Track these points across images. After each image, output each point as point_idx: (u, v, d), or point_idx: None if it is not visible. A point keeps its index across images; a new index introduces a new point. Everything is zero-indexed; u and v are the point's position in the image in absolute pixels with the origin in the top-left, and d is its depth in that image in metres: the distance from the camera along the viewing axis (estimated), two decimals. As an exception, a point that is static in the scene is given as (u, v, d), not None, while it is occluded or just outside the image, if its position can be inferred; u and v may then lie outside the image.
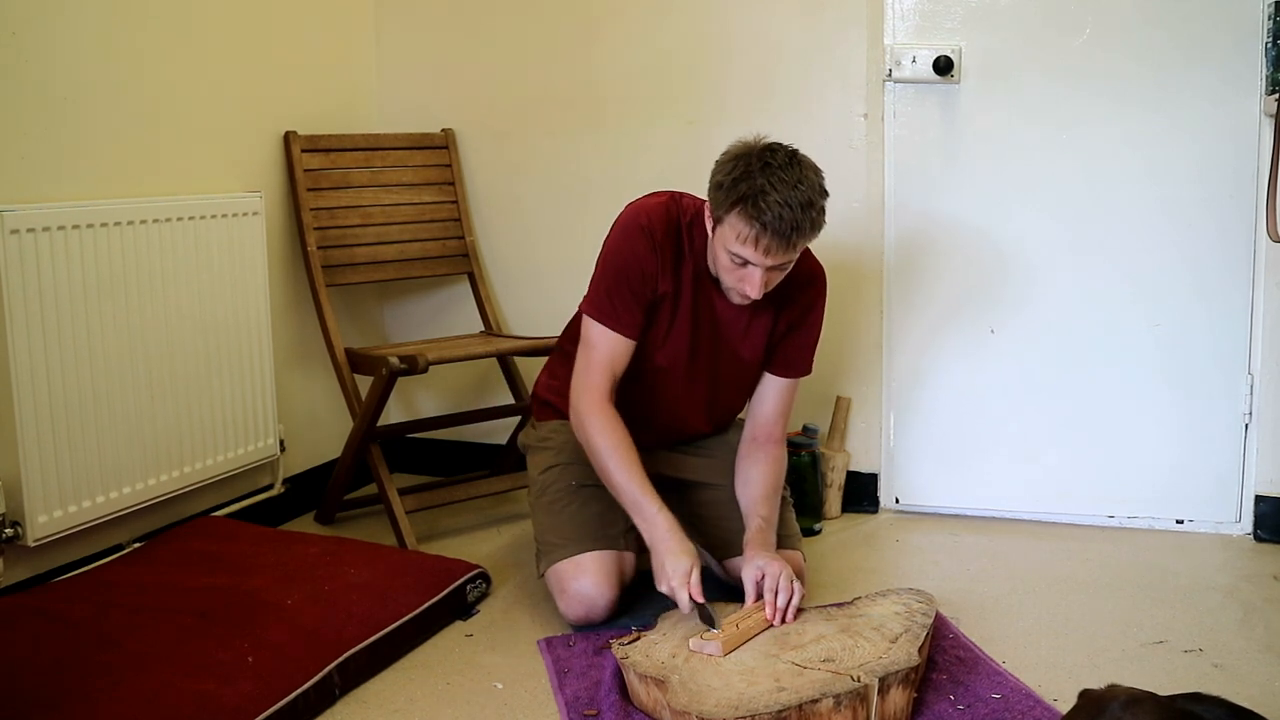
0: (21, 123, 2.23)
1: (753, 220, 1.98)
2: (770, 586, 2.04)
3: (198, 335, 2.56)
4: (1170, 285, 2.72)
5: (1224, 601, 2.36)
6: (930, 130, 2.80)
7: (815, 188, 2.02)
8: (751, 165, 2.00)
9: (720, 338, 2.26)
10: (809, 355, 2.34)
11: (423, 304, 3.27)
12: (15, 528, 2.19)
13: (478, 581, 2.38)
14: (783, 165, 2.00)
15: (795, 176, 1.99)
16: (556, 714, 1.92)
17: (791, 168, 2.01)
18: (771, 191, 1.97)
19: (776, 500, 2.27)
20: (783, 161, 2.01)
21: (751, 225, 1.98)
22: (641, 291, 2.18)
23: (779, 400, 2.34)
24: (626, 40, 3.00)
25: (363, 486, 3.12)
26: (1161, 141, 2.67)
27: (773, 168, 1.99)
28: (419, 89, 3.19)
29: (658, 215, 2.19)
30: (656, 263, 2.18)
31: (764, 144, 2.05)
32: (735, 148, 2.08)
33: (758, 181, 1.98)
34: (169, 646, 1.95)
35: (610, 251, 2.21)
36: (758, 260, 2.02)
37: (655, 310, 2.22)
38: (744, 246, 2.01)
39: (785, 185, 1.97)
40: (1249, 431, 2.73)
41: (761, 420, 2.34)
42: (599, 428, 2.16)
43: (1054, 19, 2.69)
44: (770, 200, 1.96)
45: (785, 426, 2.37)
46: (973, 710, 1.87)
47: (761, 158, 2.01)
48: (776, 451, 2.32)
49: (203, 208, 2.56)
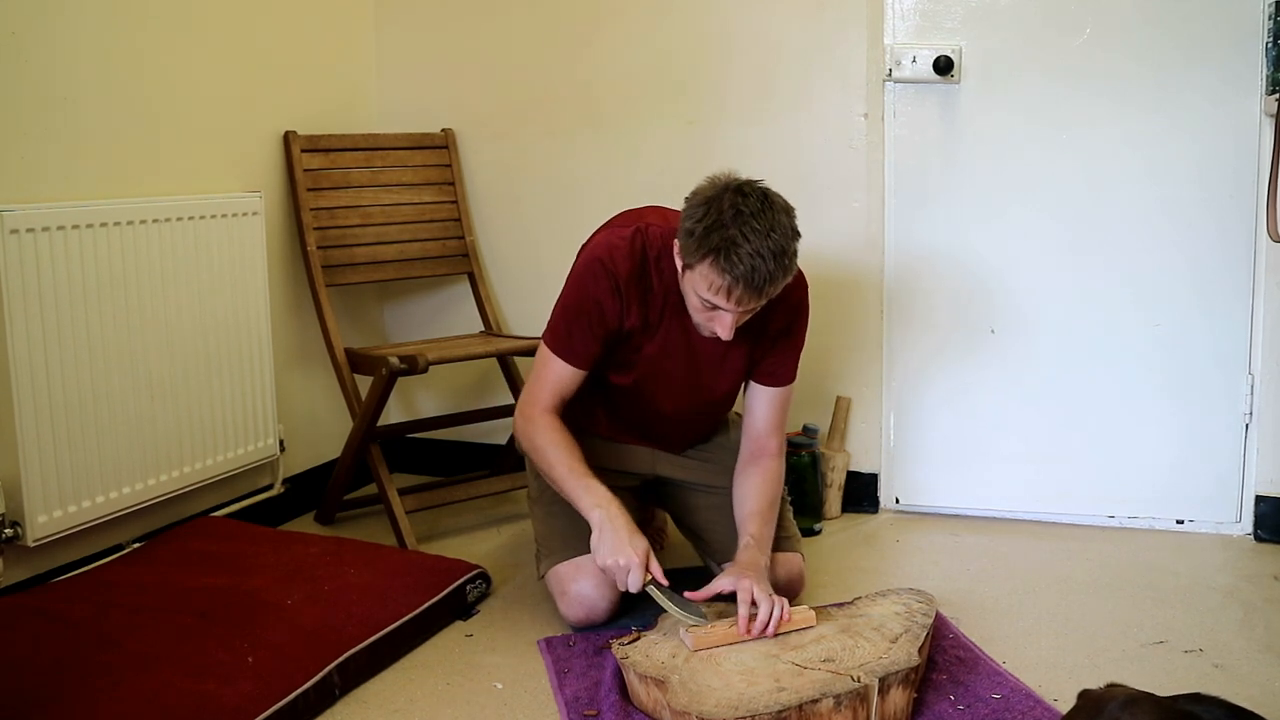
0: (21, 123, 2.23)
1: (724, 273, 1.94)
2: (743, 600, 1.98)
3: (198, 335, 2.56)
4: (1170, 285, 2.72)
5: (1224, 602, 2.36)
6: (930, 130, 2.80)
7: (788, 233, 1.97)
8: (723, 213, 1.94)
9: (697, 361, 2.24)
10: (795, 362, 2.30)
11: (423, 304, 3.27)
12: (15, 528, 2.19)
13: (478, 581, 2.38)
14: (754, 213, 1.94)
15: (768, 224, 1.94)
16: (556, 714, 1.92)
17: (764, 214, 1.95)
18: (744, 243, 1.91)
19: (771, 516, 2.22)
20: (754, 208, 1.95)
21: (723, 277, 1.94)
22: (598, 329, 2.16)
23: (771, 411, 2.29)
24: (626, 40, 3.00)
25: (363, 486, 3.12)
26: (1161, 141, 2.67)
27: (744, 215, 1.93)
28: (419, 89, 3.19)
29: (621, 254, 2.14)
30: (619, 304, 2.15)
31: (735, 184, 1.99)
32: (705, 189, 2.02)
33: (729, 232, 1.92)
34: (169, 646, 1.95)
35: (572, 287, 2.19)
36: (729, 308, 2.00)
37: (624, 340, 2.20)
38: (715, 296, 1.98)
39: (758, 235, 1.92)
40: (1249, 432, 2.73)
41: (755, 434, 2.29)
42: (541, 427, 2.18)
43: (1054, 19, 2.69)
44: (743, 253, 1.91)
45: (782, 437, 2.32)
46: (973, 710, 1.87)
47: (733, 204, 1.95)
48: (773, 465, 2.27)
49: (203, 208, 2.56)
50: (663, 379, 2.24)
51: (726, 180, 2.02)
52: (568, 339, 2.18)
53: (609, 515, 2.09)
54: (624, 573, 2.05)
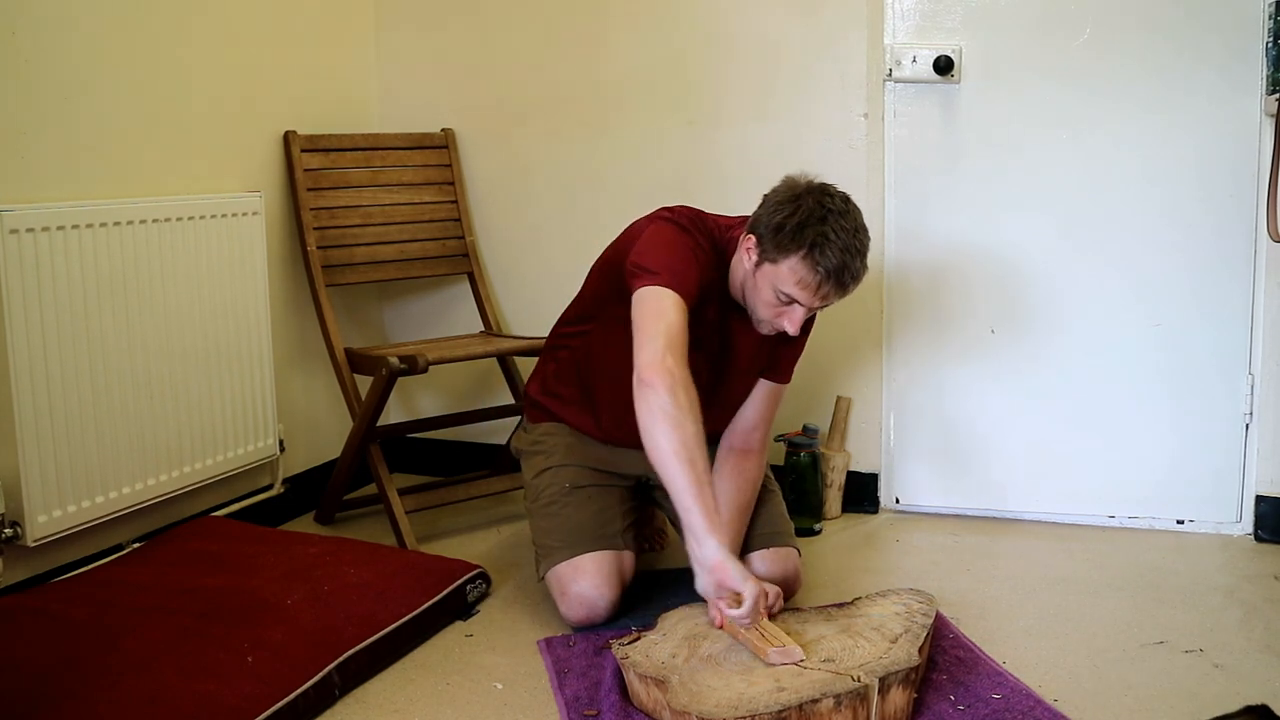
0: (21, 123, 2.23)
1: (816, 267, 2.01)
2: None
3: (198, 335, 2.56)
4: (1170, 285, 2.72)
5: (1224, 602, 2.36)
6: (930, 130, 2.80)
7: (868, 235, 2.07)
8: (812, 210, 2.02)
9: (729, 361, 2.25)
10: (795, 363, 2.33)
11: (423, 304, 3.27)
12: (15, 528, 2.19)
13: (477, 581, 2.38)
14: (840, 212, 2.03)
15: (854, 224, 2.04)
16: (556, 714, 1.91)
17: (849, 214, 2.05)
18: (836, 239, 2.00)
19: (743, 521, 2.24)
20: (840, 208, 2.04)
21: (815, 272, 2.01)
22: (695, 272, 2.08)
23: (762, 406, 2.30)
24: (626, 40, 3.00)
25: (363, 486, 3.12)
26: (1161, 141, 2.67)
27: (834, 214, 2.02)
28: (419, 89, 3.19)
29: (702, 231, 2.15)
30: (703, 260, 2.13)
31: (818, 184, 2.08)
32: (787, 187, 2.09)
33: (821, 229, 2.00)
34: (169, 646, 1.95)
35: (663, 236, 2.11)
36: (810, 303, 2.05)
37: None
38: (801, 290, 2.03)
39: (846, 233, 2.02)
40: (1249, 431, 2.73)
41: (741, 428, 2.30)
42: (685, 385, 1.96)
43: (1054, 19, 2.69)
44: (834, 249, 2.00)
45: (766, 436, 2.33)
46: (973, 710, 1.87)
47: (820, 203, 2.03)
48: (752, 465, 2.28)
49: (203, 208, 2.56)
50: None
51: (807, 181, 2.09)
52: (681, 273, 2.04)
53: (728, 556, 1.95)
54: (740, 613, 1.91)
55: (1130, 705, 1.92)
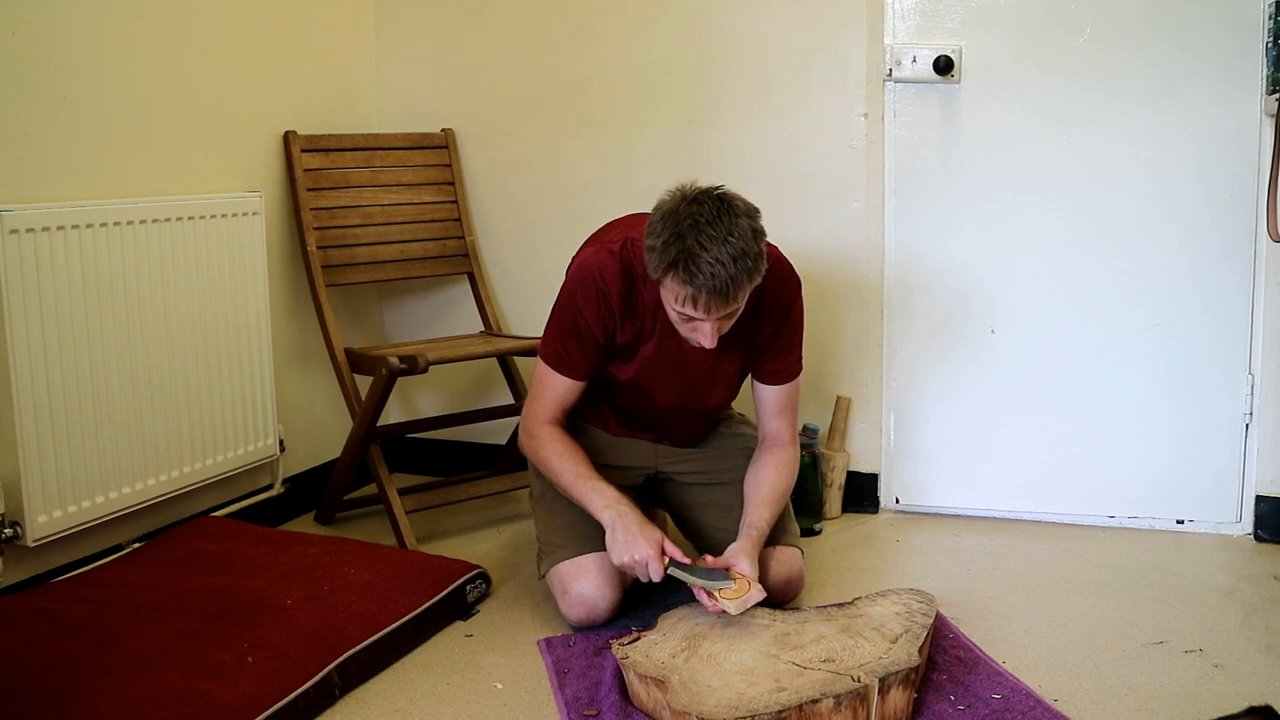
0: (21, 123, 2.23)
1: (686, 284, 1.96)
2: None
3: (197, 335, 2.56)
4: (1171, 285, 2.72)
5: (1224, 602, 2.36)
6: (930, 130, 2.80)
7: (747, 235, 1.97)
8: (680, 225, 1.96)
9: (689, 372, 2.26)
10: (797, 356, 2.31)
11: (423, 304, 3.27)
12: (15, 528, 2.19)
13: (478, 581, 2.38)
14: (710, 220, 1.96)
15: (725, 229, 1.95)
16: (556, 714, 1.92)
17: (720, 220, 1.96)
18: (702, 252, 1.93)
19: (778, 507, 2.25)
20: (710, 216, 1.96)
21: (686, 288, 1.97)
22: (590, 345, 2.19)
23: (779, 405, 2.32)
24: (626, 40, 3.00)
25: (363, 486, 3.12)
26: (1162, 141, 2.67)
27: (700, 225, 1.95)
28: (419, 89, 3.19)
29: (611, 272, 2.15)
30: (612, 322, 2.17)
31: (691, 194, 2.01)
32: (665, 203, 2.04)
33: (687, 243, 1.94)
34: (169, 646, 1.95)
35: (563, 305, 2.21)
36: (703, 317, 2.02)
37: (617, 351, 2.22)
38: (685, 307, 2.01)
39: (715, 242, 1.94)
40: (1249, 431, 2.73)
41: (766, 430, 2.34)
42: (545, 440, 2.24)
43: (1054, 19, 2.69)
44: (702, 262, 1.93)
45: (793, 426, 2.36)
46: (973, 710, 1.87)
47: (689, 214, 1.97)
48: (786, 454, 2.31)
49: (203, 208, 2.56)
50: (659, 380, 2.26)
51: (684, 191, 2.04)
52: (564, 354, 2.22)
53: (619, 514, 2.13)
54: (643, 566, 2.09)
55: (1130, 705, 1.92)
